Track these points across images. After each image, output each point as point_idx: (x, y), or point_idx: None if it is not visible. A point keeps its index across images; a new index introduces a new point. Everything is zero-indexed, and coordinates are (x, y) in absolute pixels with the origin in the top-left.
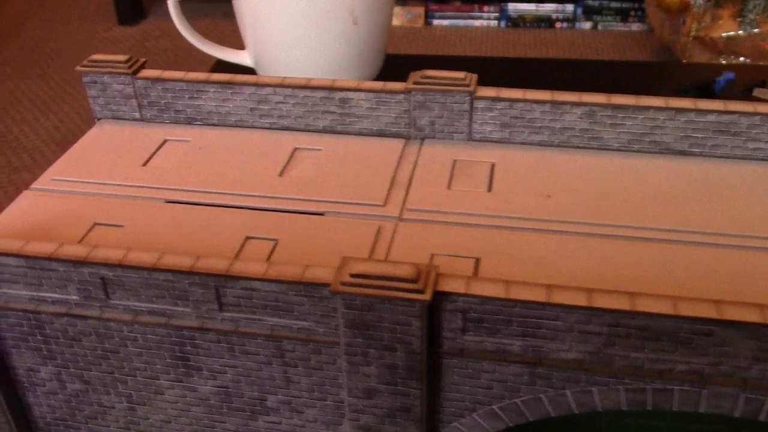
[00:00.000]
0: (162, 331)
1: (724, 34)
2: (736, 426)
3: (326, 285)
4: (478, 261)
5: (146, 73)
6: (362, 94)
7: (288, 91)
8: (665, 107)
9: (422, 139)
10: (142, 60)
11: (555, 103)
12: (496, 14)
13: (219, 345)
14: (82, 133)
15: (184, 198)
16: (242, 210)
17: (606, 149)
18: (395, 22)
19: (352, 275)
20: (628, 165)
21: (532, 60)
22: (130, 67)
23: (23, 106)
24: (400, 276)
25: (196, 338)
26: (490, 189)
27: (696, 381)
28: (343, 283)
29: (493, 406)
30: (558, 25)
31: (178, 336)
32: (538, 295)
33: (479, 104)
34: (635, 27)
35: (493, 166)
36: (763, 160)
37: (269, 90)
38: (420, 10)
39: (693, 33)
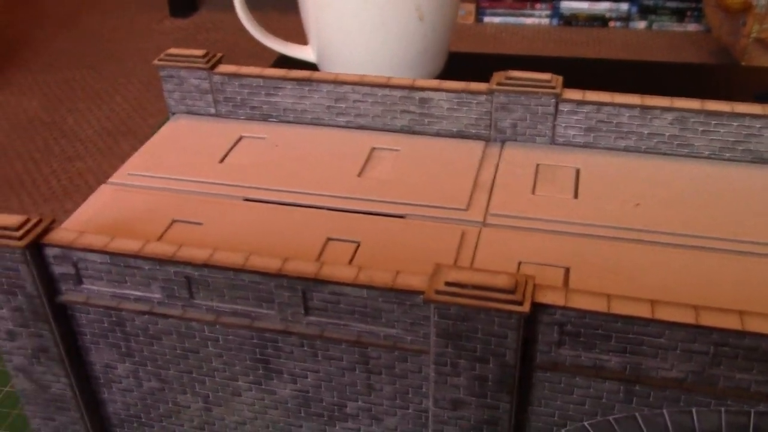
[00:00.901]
0: (244, 333)
1: None
2: None
3: (419, 293)
4: (567, 271)
5: (223, 68)
6: (443, 94)
7: (367, 90)
8: (762, 115)
9: (503, 142)
10: (219, 55)
11: (644, 108)
12: (548, 12)
13: (302, 349)
14: (134, 124)
15: (262, 196)
16: (322, 210)
17: (696, 157)
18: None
19: (447, 283)
20: (720, 173)
21: (587, 60)
22: (207, 62)
23: (77, 96)
24: (497, 286)
25: (278, 341)
26: (576, 195)
27: None
28: (438, 292)
29: (584, 423)
30: (612, 24)
31: (261, 338)
32: (642, 311)
33: (564, 107)
34: (691, 27)
35: (578, 171)
36: None
37: (348, 88)
38: (471, 7)
39: (754, 34)
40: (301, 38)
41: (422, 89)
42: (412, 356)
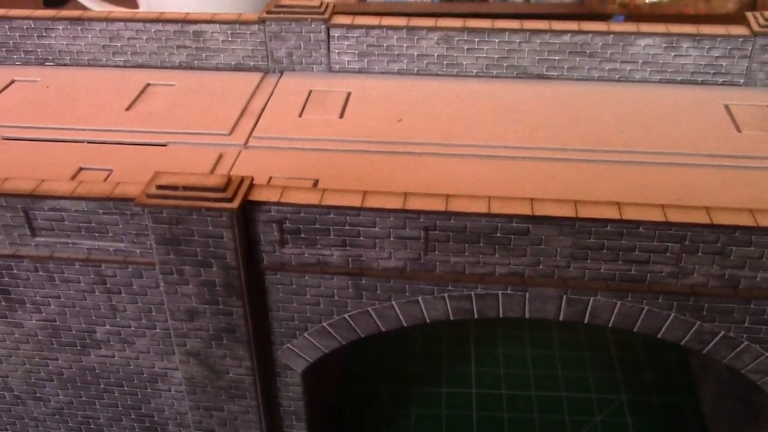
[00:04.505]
0: None
1: (647, 0)
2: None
3: (133, 200)
4: (316, 182)
5: None
6: (216, 27)
7: (139, 26)
8: (520, 29)
9: (281, 72)
10: None
11: (411, 29)
12: None
13: (37, 274)
14: None
15: (22, 135)
16: (82, 144)
17: (465, 76)
18: None
19: (159, 187)
20: (484, 89)
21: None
22: None
23: None
24: (208, 186)
25: (12, 268)
26: (342, 116)
27: (517, 284)
28: (150, 195)
29: (323, 324)
30: None
31: None
32: (353, 201)
33: (335, 33)
34: None
35: (349, 94)
36: (618, 81)
37: (120, 25)
38: None
39: (619, 0)
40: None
41: (195, 22)
42: (146, 270)
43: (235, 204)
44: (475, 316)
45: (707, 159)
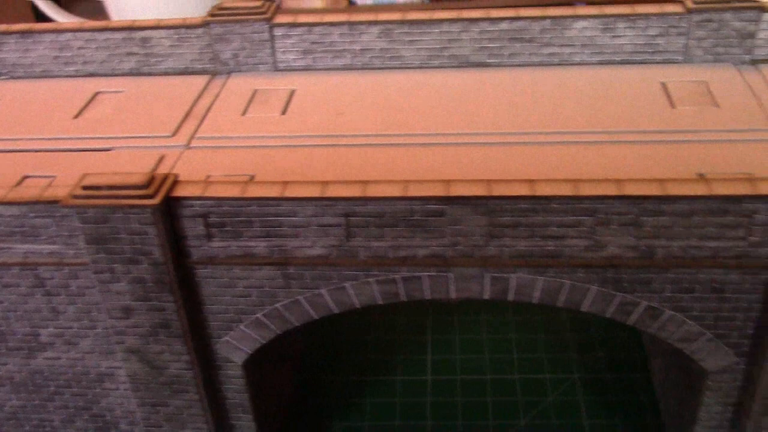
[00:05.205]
0: None
1: None
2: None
3: (58, 201)
4: (252, 177)
5: None
6: (162, 32)
7: (88, 35)
8: (458, 18)
9: (229, 74)
10: None
11: (352, 24)
12: None
13: None
14: None
15: None
16: (27, 153)
17: (407, 68)
18: (319, 3)
19: (84, 187)
20: (425, 80)
21: None
22: None
23: None
24: (130, 184)
25: None
26: (284, 113)
27: (440, 265)
28: (75, 196)
29: (258, 315)
30: None
31: None
32: (272, 191)
33: (278, 32)
34: None
35: (292, 92)
36: (559, 65)
37: (69, 36)
38: None
39: None
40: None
41: (142, 29)
42: (81, 270)
43: (157, 200)
44: (404, 298)
45: (640, 135)
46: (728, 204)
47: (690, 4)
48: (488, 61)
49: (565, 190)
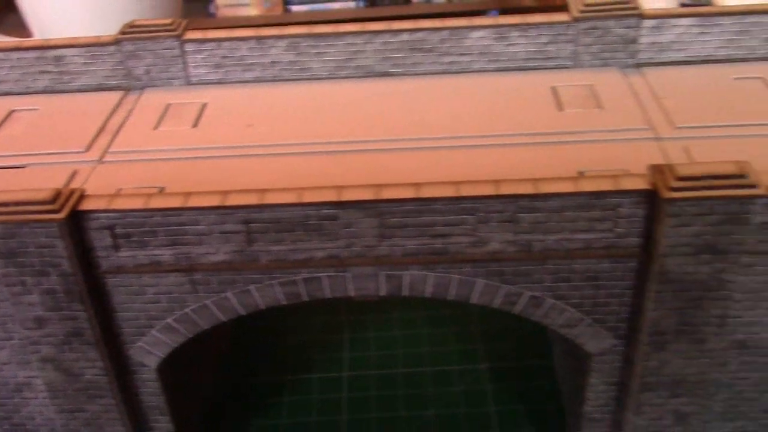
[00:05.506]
0: None
1: None
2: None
3: None
4: (162, 189)
5: None
6: (75, 50)
7: (1, 55)
8: (361, 31)
9: (142, 89)
10: None
11: (259, 39)
12: None
13: None
14: None
15: None
16: None
17: (316, 79)
18: (253, 11)
19: None
20: (333, 90)
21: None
22: None
23: None
24: (37, 200)
25: None
26: (195, 126)
27: (337, 265)
28: None
29: (168, 320)
30: (414, 0)
31: None
32: (174, 202)
33: (189, 47)
34: None
35: (204, 105)
36: (459, 72)
37: None
38: None
39: None
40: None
41: (55, 47)
42: None
43: (63, 215)
44: (305, 298)
45: (529, 137)
46: (595, 199)
47: (576, 13)
48: (392, 70)
49: (448, 192)
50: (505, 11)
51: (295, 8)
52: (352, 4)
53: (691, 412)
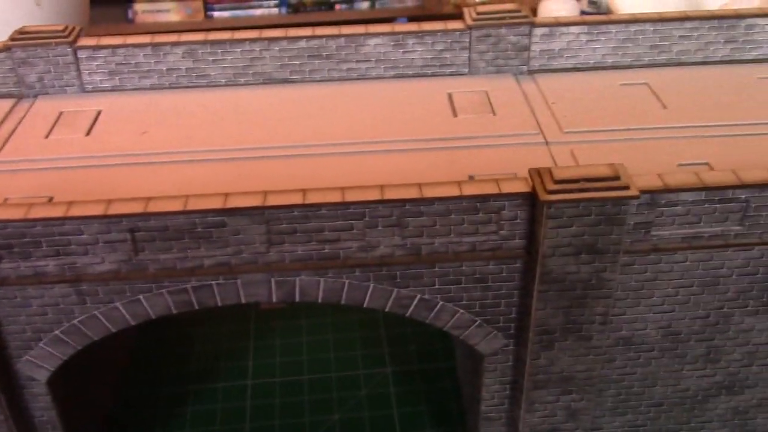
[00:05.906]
0: None
1: (478, 0)
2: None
3: None
4: (51, 199)
5: None
6: None
7: None
8: (259, 38)
9: (36, 96)
10: None
11: (155, 45)
12: (276, 1)
13: None
14: None
15: None
16: None
17: (214, 86)
18: (173, 17)
19: None
20: (231, 97)
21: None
22: None
23: None
24: None
25: None
26: (88, 134)
27: (227, 273)
28: None
29: (56, 332)
30: (337, 6)
31: None
32: (56, 212)
33: (83, 54)
34: (410, 2)
35: (98, 113)
36: (357, 79)
37: None
38: (199, 5)
39: (453, 1)
40: None
41: None
42: None
43: None
44: (196, 307)
45: (424, 143)
46: (478, 203)
47: (470, 21)
48: (291, 77)
49: (334, 197)
50: (423, 18)
51: (216, 14)
52: (275, 11)
53: (581, 408)
